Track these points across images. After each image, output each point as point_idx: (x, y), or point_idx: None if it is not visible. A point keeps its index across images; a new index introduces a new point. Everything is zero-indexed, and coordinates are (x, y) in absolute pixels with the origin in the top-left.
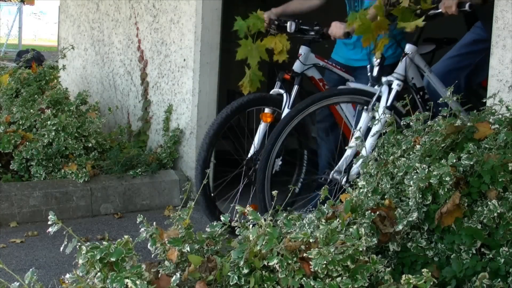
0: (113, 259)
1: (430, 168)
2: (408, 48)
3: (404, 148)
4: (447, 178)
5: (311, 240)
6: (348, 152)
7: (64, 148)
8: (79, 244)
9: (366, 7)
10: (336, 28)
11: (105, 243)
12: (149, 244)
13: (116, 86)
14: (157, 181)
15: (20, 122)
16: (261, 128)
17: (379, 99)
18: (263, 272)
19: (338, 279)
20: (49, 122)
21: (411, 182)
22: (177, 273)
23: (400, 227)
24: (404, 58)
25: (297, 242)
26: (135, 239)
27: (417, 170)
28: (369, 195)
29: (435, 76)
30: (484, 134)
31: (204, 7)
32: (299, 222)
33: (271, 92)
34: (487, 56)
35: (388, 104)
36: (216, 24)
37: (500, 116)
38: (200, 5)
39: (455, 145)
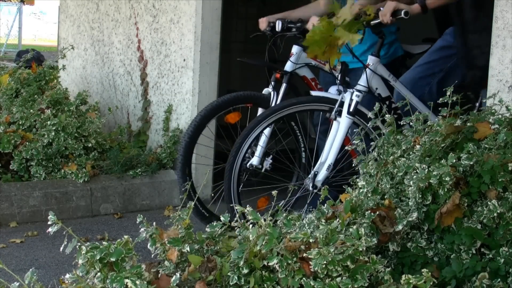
0: (113, 259)
1: (430, 168)
2: (370, 59)
3: (404, 148)
4: (447, 178)
5: (311, 240)
6: (322, 159)
7: (64, 148)
8: (79, 244)
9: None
10: (313, 22)
11: (105, 243)
12: (149, 244)
13: (116, 86)
14: (157, 181)
15: (20, 122)
16: None
17: (341, 104)
18: (263, 272)
19: (338, 279)
20: (49, 122)
21: (411, 182)
22: (177, 273)
23: (400, 227)
24: (366, 70)
25: (297, 242)
26: (135, 239)
27: (417, 170)
28: (369, 195)
29: (401, 84)
30: (484, 134)
31: (204, 7)
32: (299, 222)
33: (263, 92)
34: (458, 62)
35: (351, 110)
36: (216, 24)
37: (500, 116)
38: (200, 5)
39: (455, 145)
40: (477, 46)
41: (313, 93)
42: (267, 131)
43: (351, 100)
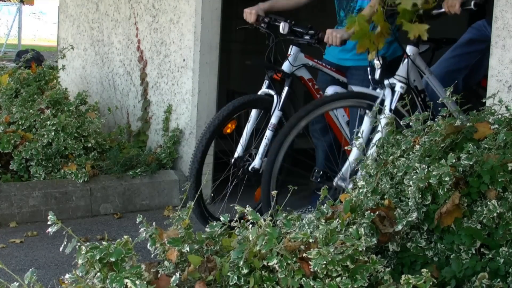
0: (112, 259)
1: (429, 168)
2: (409, 49)
3: (403, 148)
4: (447, 178)
5: (310, 240)
6: (351, 157)
7: (63, 148)
8: (79, 244)
9: (359, 7)
10: (332, 37)
11: (104, 243)
12: (148, 244)
13: (115, 86)
14: (156, 181)
15: (20, 122)
16: (248, 127)
17: (382, 102)
18: (263, 272)
19: (338, 279)
20: (48, 122)
21: (411, 182)
22: (176, 273)
23: (400, 227)
24: (406, 60)
25: (296, 242)
26: (135, 239)
27: (417, 170)
28: (369, 195)
29: (434, 78)
30: (483, 134)
31: (204, 7)
32: (298, 222)
33: (259, 93)
34: (484, 56)
35: (392, 107)
36: (216, 24)
37: (499, 116)
38: (200, 5)
39: (455, 145)
40: None
41: (354, 88)
42: (269, 135)
43: (395, 91)
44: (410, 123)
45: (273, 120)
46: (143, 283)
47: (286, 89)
